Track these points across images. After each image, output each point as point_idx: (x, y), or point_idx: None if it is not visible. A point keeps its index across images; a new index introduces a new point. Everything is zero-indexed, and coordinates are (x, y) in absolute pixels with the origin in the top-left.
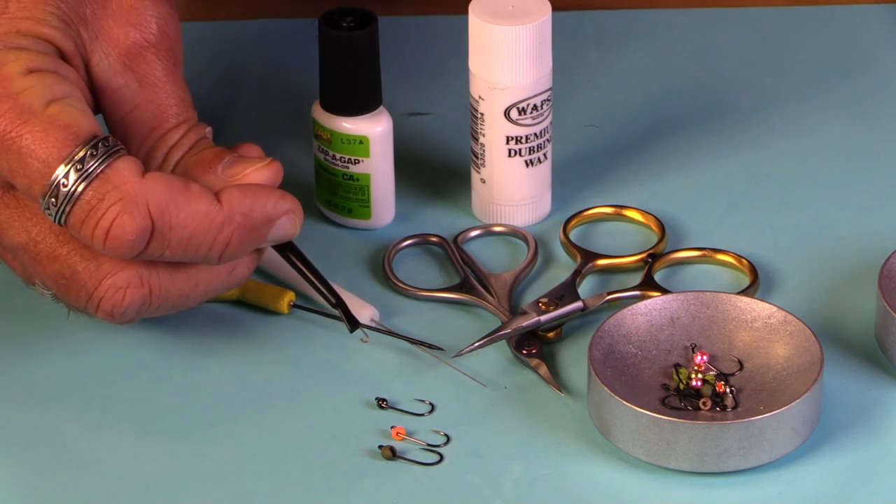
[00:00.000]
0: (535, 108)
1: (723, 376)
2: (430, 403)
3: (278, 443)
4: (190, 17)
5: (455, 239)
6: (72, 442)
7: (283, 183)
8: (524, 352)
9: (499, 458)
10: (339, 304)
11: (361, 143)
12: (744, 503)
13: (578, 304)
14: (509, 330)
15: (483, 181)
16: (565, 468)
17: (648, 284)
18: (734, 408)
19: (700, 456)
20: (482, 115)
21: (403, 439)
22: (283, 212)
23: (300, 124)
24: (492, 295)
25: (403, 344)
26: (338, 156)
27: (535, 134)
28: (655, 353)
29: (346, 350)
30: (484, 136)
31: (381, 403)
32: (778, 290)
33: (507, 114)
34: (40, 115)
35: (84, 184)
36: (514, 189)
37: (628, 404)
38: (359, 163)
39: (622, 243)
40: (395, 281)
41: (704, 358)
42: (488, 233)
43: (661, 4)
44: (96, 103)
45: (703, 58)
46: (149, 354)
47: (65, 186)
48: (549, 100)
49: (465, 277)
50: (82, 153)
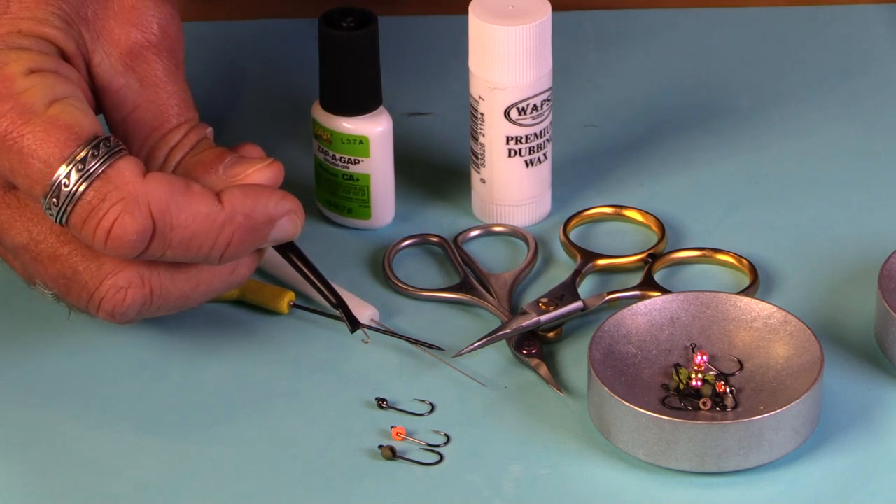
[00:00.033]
0: (535, 108)
1: (723, 376)
2: (430, 403)
3: (278, 443)
4: (190, 17)
5: (455, 239)
6: (72, 442)
7: (284, 183)
8: (524, 352)
9: (499, 458)
10: (339, 304)
11: (361, 143)
12: (744, 503)
13: (578, 304)
14: (509, 330)
15: (483, 181)
16: (565, 468)
17: (648, 284)
18: (734, 408)
19: (700, 456)
20: (482, 115)
21: (403, 439)
22: (285, 212)
23: (300, 124)
24: (492, 295)
25: (403, 344)
26: (338, 156)
27: (535, 134)
28: (655, 353)
29: (346, 350)
30: (484, 136)
31: (381, 403)
32: (778, 290)
33: (507, 114)
34: (42, 116)
35: (85, 184)
36: (514, 189)
37: (628, 404)
38: (359, 163)
39: (622, 243)
40: (395, 281)
41: (704, 358)
42: (488, 233)
43: (661, 4)
44: (97, 103)
45: (703, 58)
46: (149, 354)
47: (66, 186)
48: (549, 100)
49: (465, 277)
50: (84, 153)
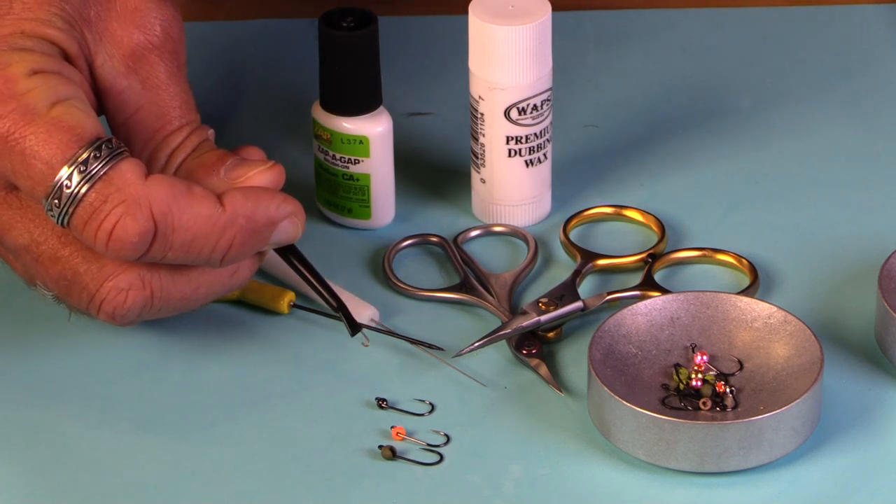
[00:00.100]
0: (535, 108)
1: (723, 376)
2: (430, 403)
3: (278, 443)
4: (190, 17)
5: (455, 239)
6: (72, 442)
7: (284, 183)
8: (524, 352)
9: (499, 458)
10: (339, 307)
11: (361, 143)
12: (744, 503)
13: (578, 304)
14: (509, 330)
15: (483, 181)
16: (565, 468)
17: (648, 284)
18: (734, 408)
19: (700, 456)
20: (482, 115)
21: (403, 439)
22: (286, 215)
23: (300, 124)
24: (492, 295)
25: (403, 344)
26: (338, 156)
27: (535, 134)
28: (655, 353)
29: (346, 350)
30: (484, 136)
31: (381, 403)
32: (778, 290)
33: (507, 114)
34: (44, 117)
35: (87, 186)
36: (514, 189)
37: (628, 404)
38: (359, 163)
39: (622, 243)
40: (395, 281)
41: (704, 358)
42: (488, 233)
43: (661, 4)
44: (100, 105)
45: (703, 58)
46: (149, 354)
47: (68, 188)
48: (549, 100)
49: (465, 277)
50: (86, 155)
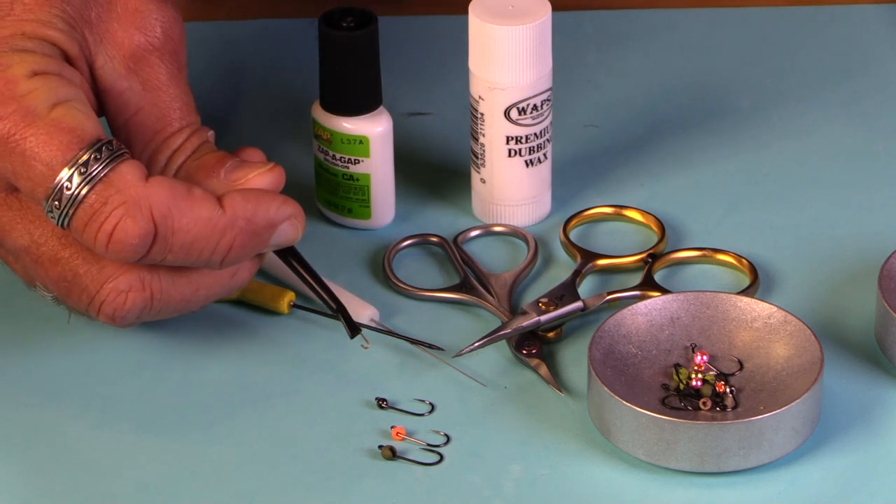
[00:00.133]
0: (535, 108)
1: (723, 376)
2: (430, 403)
3: (278, 443)
4: (190, 17)
5: (455, 239)
6: (72, 442)
7: (284, 185)
8: (524, 352)
9: (499, 458)
10: (339, 310)
11: (361, 143)
12: (744, 503)
13: (578, 304)
14: (509, 330)
15: (483, 181)
16: (565, 468)
17: (648, 284)
18: (734, 408)
19: (700, 456)
20: (482, 115)
21: (403, 439)
22: (286, 217)
23: (300, 124)
24: (492, 295)
25: (403, 344)
26: (338, 156)
27: (535, 134)
28: (655, 353)
29: (346, 350)
30: (484, 136)
31: (381, 403)
32: (778, 290)
33: (507, 114)
34: (44, 118)
35: (87, 187)
36: (514, 189)
37: (628, 404)
38: (359, 163)
39: (622, 243)
40: (395, 281)
41: (704, 358)
42: (488, 233)
43: (661, 4)
44: (100, 106)
45: (703, 58)
46: (149, 354)
47: (68, 190)
48: (549, 100)
49: (465, 277)
50: (86, 156)
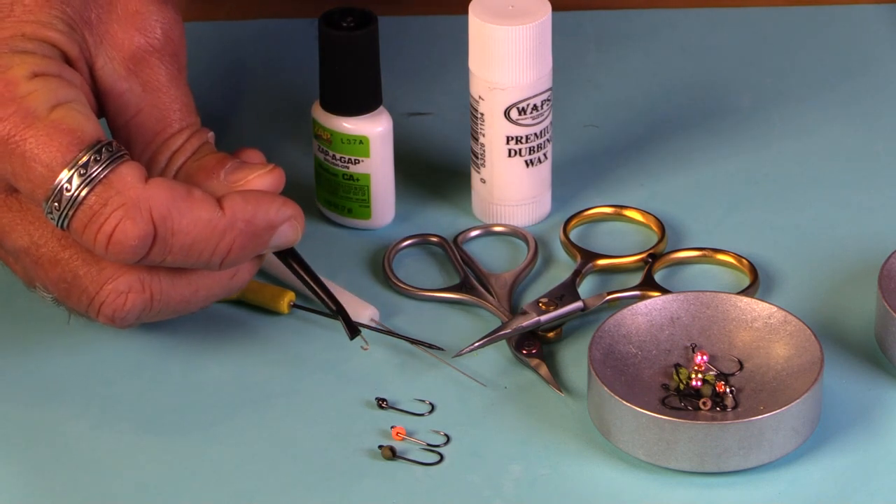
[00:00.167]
0: (535, 108)
1: (723, 376)
2: (430, 403)
3: (278, 443)
4: (190, 18)
5: (455, 239)
6: (72, 442)
7: (284, 186)
8: (524, 352)
9: (499, 458)
10: (338, 311)
11: (361, 143)
12: (744, 503)
13: (578, 304)
14: (509, 330)
15: (483, 181)
16: (565, 468)
17: (648, 284)
18: (734, 408)
19: (700, 456)
20: (482, 115)
21: (403, 439)
22: (285, 218)
23: (300, 124)
24: (492, 295)
25: (403, 344)
26: (338, 156)
27: (535, 134)
28: (655, 353)
29: (346, 350)
30: (484, 136)
31: (381, 403)
32: (778, 290)
33: (507, 114)
34: (44, 120)
35: (87, 189)
36: (514, 189)
37: (628, 404)
38: (359, 163)
39: (622, 243)
40: (395, 281)
41: (704, 358)
42: (488, 233)
43: (661, 4)
44: (100, 107)
45: (703, 58)
46: (149, 354)
47: (68, 191)
48: (549, 100)
49: (465, 277)
50: (86, 158)
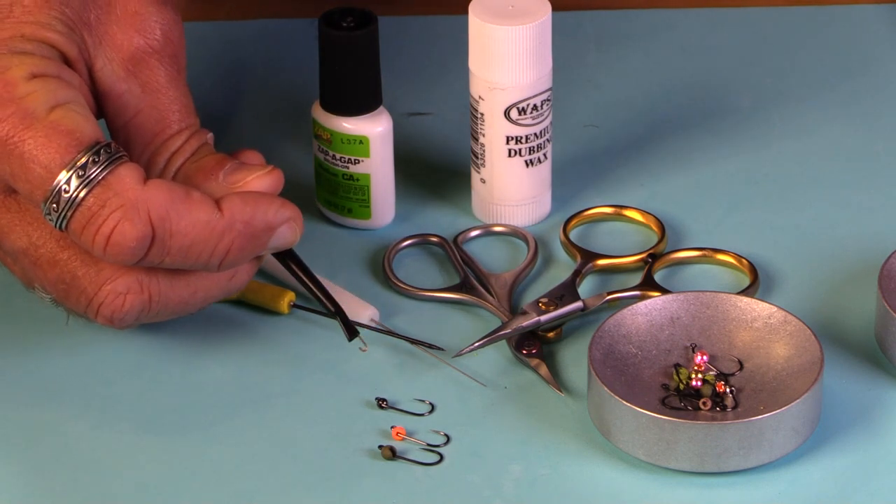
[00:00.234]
0: (535, 108)
1: (723, 376)
2: (430, 403)
3: (278, 443)
4: (190, 18)
5: (455, 239)
6: (72, 442)
7: (284, 183)
8: (524, 352)
9: (499, 458)
10: (337, 313)
11: (361, 143)
12: (744, 503)
13: (578, 304)
14: (509, 330)
15: (483, 181)
16: (565, 468)
17: (648, 284)
18: (734, 408)
19: (700, 456)
20: (482, 115)
21: (403, 439)
22: (284, 220)
23: (300, 124)
24: (492, 295)
25: (403, 344)
26: (338, 156)
27: (535, 134)
28: (655, 353)
29: (346, 350)
30: (484, 136)
31: (381, 403)
32: (778, 290)
33: (507, 114)
34: (43, 121)
35: (85, 190)
36: (514, 189)
37: (628, 404)
38: (359, 163)
39: (622, 243)
40: (395, 281)
41: (704, 358)
42: (488, 233)
43: (661, 4)
44: (99, 108)
45: (703, 58)
46: (149, 354)
47: (66, 192)
48: (549, 100)
49: (465, 277)
50: (84, 159)
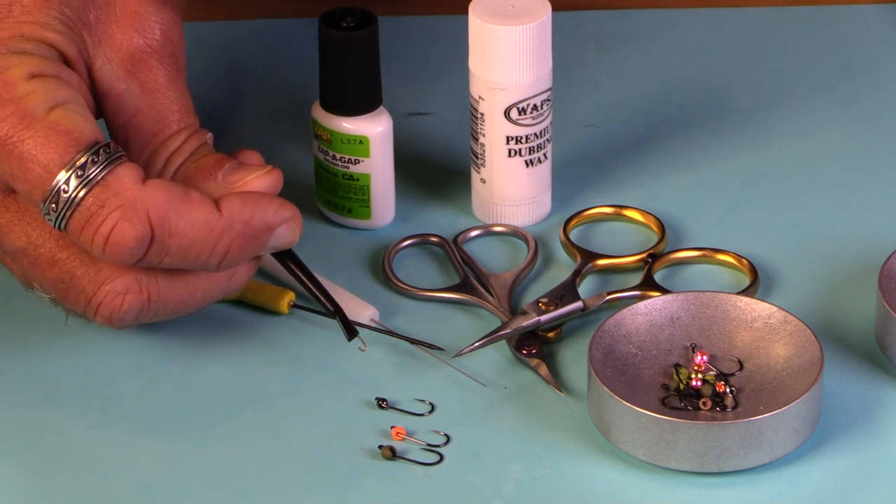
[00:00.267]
0: (535, 108)
1: (723, 376)
2: (430, 403)
3: (278, 443)
4: (190, 18)
5: (455, 239)
6: (72, 442)
7: (284, 183)
8: (524, 352)
9: (499, 458)
10: (336, 312)
11: (361, 143)
12: (744, 503)
13: (578, 304)
14: (509, 330)
15: (483, 181)
16: (565, 468)
17: (648, 284)
18: (734, 408)
19: (700, 456)
20: (482, 115)
21: (403, 439)
22: (283, 220)
23: (300, 124)
24: (492, 295)
25: (403, 344)
26: (338, 156)
27: (535, 134)
28: (655, 353)
29: (346, 350)
30: (484, 136)
31: (381, 403)
32: (778, 290)
33: (507, 114)
34: (42, 121)
35: (85, 190)
36: (514, 189)
37: (628, 404)
38: (359, 163)
39: (622, 243)
40: (395, 281)
41: (704, 358)
42: (488, 233)
43: (661, 4)
44: (98, 108)
45: (703, 58)
46: (149, 355)
47: (65, 192)
48: (549, 100)
49: (465, 277)
50: (83, 159)
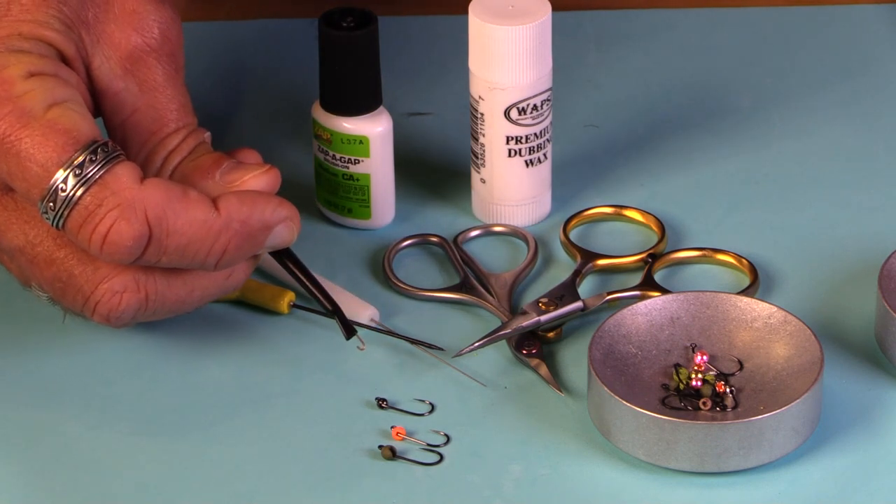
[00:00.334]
0: (535, 108)
1: (723, 376)
2: (430, 403)
3: (278, 443)
4: (190, 18)
5: (455, 239)
6: (72, 442)
7: (284, 183)
8: (524, 352)
9: (499, 458)
10: (335, 311)
11: (361, 143)
12: (744, 503)
13: (578, 304)
14: (509, 330)
15: (483, 181)
16: (565, 468)
17: (648, 284)
18: (734, 408)
19: (700, 456)
20: (482, 115)
21: (403, 439)
22: (281, 219)
23: (300, 124)
24: (492, 295)
25: (403, 344)
26: (338, 156)
27: (535, 134)
28: (655, 353)
29: (346, 350)
30: (484, 136)
31: (381, 403)
32: (778, 290)
33: (507, 114)
34: (40, 119)
35: (83, 189)
36: (514, 189)
37: (628, 404)
38: (359, 163)
39: (622, 243)
40: (395, 281)
41: (704, 358)
42: (488, 233)
43: (661, 4)
44: (96, 107)
45: (703, 58)
46: (148, 355)
47: (63, 191)
48: (549, 100)
49: (465, 277)
50: (81, 158)
